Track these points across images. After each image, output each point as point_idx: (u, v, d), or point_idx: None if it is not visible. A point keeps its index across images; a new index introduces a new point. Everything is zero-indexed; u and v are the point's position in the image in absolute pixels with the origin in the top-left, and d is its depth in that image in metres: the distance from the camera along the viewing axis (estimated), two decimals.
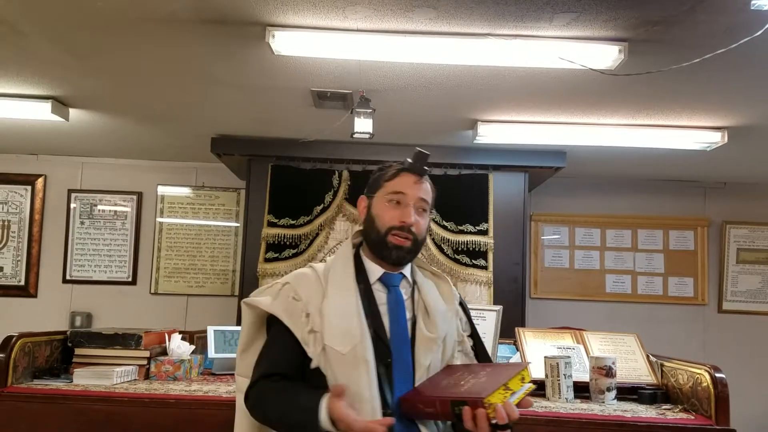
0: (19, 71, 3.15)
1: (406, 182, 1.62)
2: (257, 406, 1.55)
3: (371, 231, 1.63)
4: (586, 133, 3.71)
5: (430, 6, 2.30)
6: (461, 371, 1.54)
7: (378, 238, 1.61)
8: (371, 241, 1.64)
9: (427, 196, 1.63)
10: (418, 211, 1.61)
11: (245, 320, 1.69)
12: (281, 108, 3.58)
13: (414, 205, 1.61)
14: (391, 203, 1.62)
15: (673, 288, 5.05)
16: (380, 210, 1.63)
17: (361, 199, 1.71)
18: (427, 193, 1.64)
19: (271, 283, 1.69)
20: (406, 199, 1.61)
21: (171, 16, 2.45)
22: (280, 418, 1.50)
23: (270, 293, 1.65)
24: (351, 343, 1.50)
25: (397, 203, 1.61)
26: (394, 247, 1.59)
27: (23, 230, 5.02)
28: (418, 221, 1.61)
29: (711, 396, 2.23)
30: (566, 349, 2.75)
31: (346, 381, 1.48)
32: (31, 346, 2.48)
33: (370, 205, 1.66)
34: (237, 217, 5.02)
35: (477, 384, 1.43)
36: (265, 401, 1.53)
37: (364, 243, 1.68)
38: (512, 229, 4.26)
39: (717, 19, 2.32)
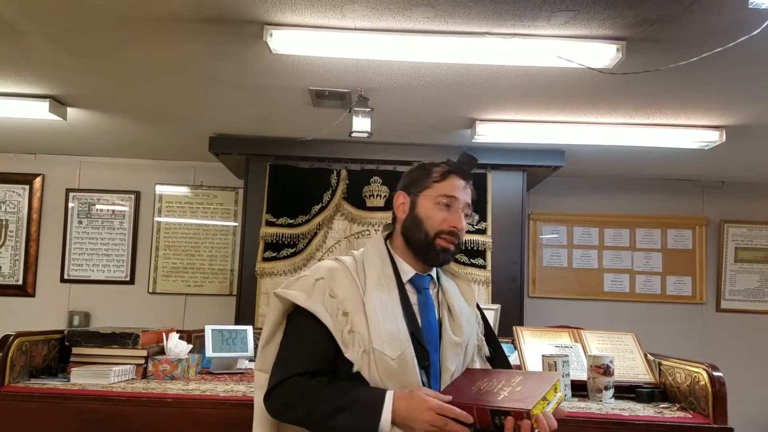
0: (16, 70, 3.14)
1: (456, 186, 1.60)
2: (292, 405, 1.46)
3: (417, 231, 1.58)
4: (585, 132, 3.71)
5: (427, 5, 2.30)
6: (486, 377, 1.50)
7: (426, 240, 1.57)
8: (416, 241, 1.59)
9: (470, 200, 1.63)
10: (464, 216, 1.61)
11: (273, 313, 1.59)
12: (279, 107, 3.58)
13: (462, 210, 1.60)
14: (439, 205, 1.58)
15: (671, 287, 5.05)
16: (429, 211, 1.58)
17: (399, 195, 1.64)
18: (471, 197, 1.64)
19: (300, 276, 1.61)
20: (457, 204, 1.59)
21: (169, 15, 2.45)
22: (325, 418, 1.41)
23: (302, 287, 1.55)
24: (400, 348, 1.46)
25: (446, 206, 1.58)
26: (442, 251, 1.57)
27: (21, 230, 5.01)
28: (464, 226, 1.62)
29: (709, 395, 2.23)
30: (564, 348, 2.74)
31: (393, 386, 1.45)
32: (28, 345, 2.48)
33: (415, 204, 1.61)
34: (235, 217, 5.02)
35: (515, 393, 1.40)
36: (306, 399, 1.44)
37: (401, 241, 1.63)
38: (510, 228, 4.26)
39: (715, 18, 2.32)
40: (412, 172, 1.67)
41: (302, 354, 1.50)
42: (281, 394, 1.46)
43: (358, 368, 1.46)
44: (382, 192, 4.24)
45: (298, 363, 1.48)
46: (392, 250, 1.63)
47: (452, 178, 1.60)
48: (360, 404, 1.40)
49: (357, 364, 1.46)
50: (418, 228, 1.58)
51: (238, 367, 2.96)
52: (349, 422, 1.39)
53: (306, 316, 1.51)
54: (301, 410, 1.44)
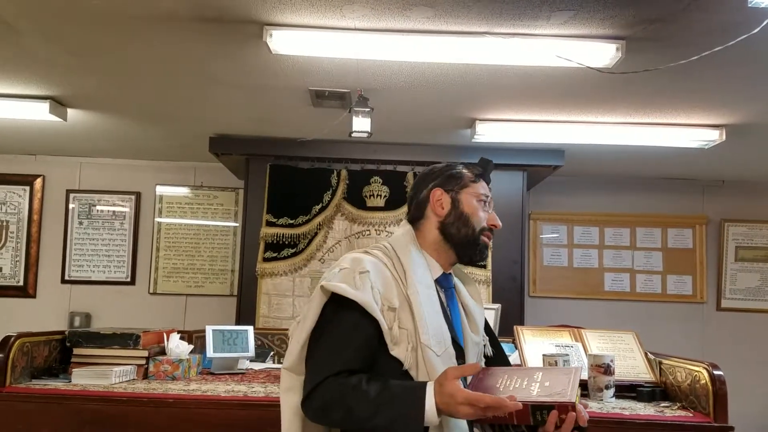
0: (16, 71, 3.14)
1: (485, 188, 1.68)
2: (332, 406, 1.37)
3: (463, 227, 1.59)
4: (584, 132, 3.71)
5: (427, 5, 2.30)
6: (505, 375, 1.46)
7: (472, 235, 1.59)
8: (461, 236, 1.58)
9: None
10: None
11: (316, 308, 1.47)
12: (279, 107, 3.58)
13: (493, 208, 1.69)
14: (480, 204, 1.63)
15: (671, 286, 5.06)
16: (473, 209, 1.61)
17: (436, 192, 1.61)
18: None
19: (340, 267, 1.50)
20: (491, 205, 1.68)
21: (168, 15, 2.45)
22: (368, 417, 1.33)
23: (344, 279, 1.46)
24: (445, 344, 1.47)
25: (484, 204, 1.65)
26: (484, 246, 1.62)
27: (22, 231, 5.01)
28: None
29: (709, 393, 2.23)
30: (565, 347, 2.74)
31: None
32: (29, 346, 2.48)
33: (458, 201, 1.61)
34: (235, 217, 5.02)
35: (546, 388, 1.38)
36: (347, 399, 1.36)
37: (434, 237, 1.60)
38: (511, 228, 4.26)
39: (714, 17, 2.32)
40: (443, 171, 1.66)
41: (346, 351, 1.41)
42: (323, 394, 1.38)
43: (408, 366, 1.42)
44: (382, 192, 4.24)
45: (339, 361, 1.40)
46: (421, 248, 1.60)
47: (481, 183, 1.68)
48: (401, 398, 1.34)
49: (406, 362, 1.42)
50: (465, 224, 1.59)
51: (239, 368, 2.96)
52: (393, 417, 1.32)
53: (351, 310, 1.42)
54: (341, 411, 1.36)
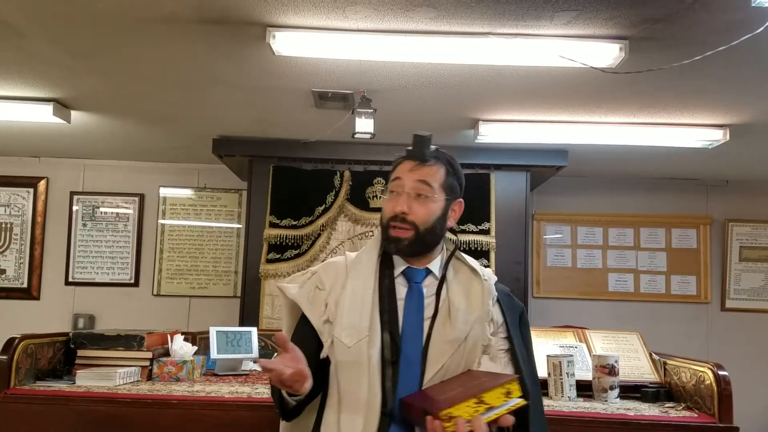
0: (20, 73, 3.15)
1: (403, 168, 1.56)
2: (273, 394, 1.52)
3: (380, 225, 1.60)
4: (588, 132, 3.71)
5: (430, 5, 2.30)
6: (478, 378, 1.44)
7: (384, 231, 1.56)
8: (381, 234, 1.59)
9: (430, 178, 1.54)
10: (415, 197, 1.53)
11: (283, 305, 1.67)
12: (282, 109, 3.58)
13: (410, 192, 1.53)
14: (392, 194, 1.56)
15: (675, 286, 5.04)
16: (383, 202, 1.59)
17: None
18: (430, 176, 1.54)
19: (306, 270, 1.67)
20: (401, 187, 1.54)
21: (172, 17, 2.46)
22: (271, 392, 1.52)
23: (299, 280, 1.62)
24: (357, 336, 1.46)
25: (396, 194, 1.55)
26: (392, 240, 1.53)
27: (26, 233, 5.02)
28: (414, 208, 1.52)
29: (714, 394, 2.22)
30: (569, 348, 2.74)
31: (346, 376, 1.46)
32: (33, 347, 2.48)
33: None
34: (239, 219, 5.03)
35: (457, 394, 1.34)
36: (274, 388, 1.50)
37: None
38: (514, 229, 4.26)
39: (718, 16, 2.31)
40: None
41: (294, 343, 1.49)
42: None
43: (325, 355, 1.50)
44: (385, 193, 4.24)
45: None
46: None
47: (402, 164, 1.58)
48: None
49: (325, 350, 1.50)
50: (380, 221, 1.61)
51: (242, 369, 2.96)
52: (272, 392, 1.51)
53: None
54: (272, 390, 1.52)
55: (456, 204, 1.61)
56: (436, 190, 1.54)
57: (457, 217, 1.62)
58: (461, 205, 1.62)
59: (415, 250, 1.54)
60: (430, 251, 1.58)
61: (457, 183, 1.60)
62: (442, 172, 1.56)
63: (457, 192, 1.61)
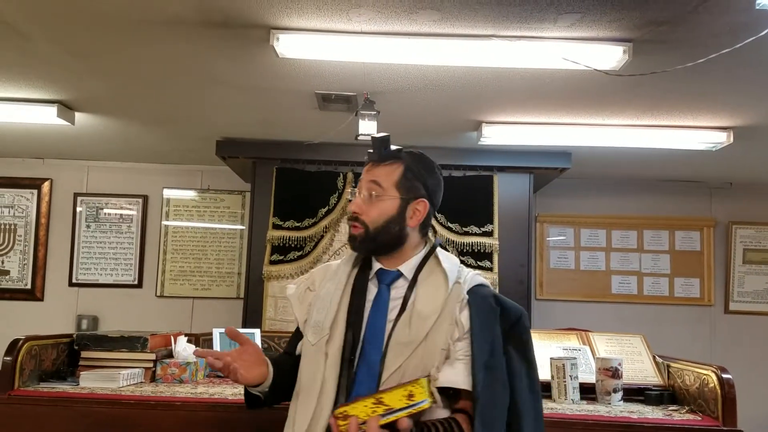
0: (25, 75, 3.16)
1: (364, 170, 1.61)
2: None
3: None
4: (591, 134, 3.70)
5: (434, 8, 2.30)
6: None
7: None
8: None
9: (382, 178, 1.55)
10: (368, 197, 1.55)
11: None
12: (286, 111, 3.59)
13: (364, 192, 1.56)
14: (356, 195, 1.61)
15: (679, 289, 5.04)
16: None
17: None
18: (382, 176, 1.56)
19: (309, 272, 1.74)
20: (360, 187, 1.58)
21: (176, 19, 2.46)
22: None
23: (299, 281, 1.71)
24: (320, 335, 1.52)
25: (358, 194, 1.59)
26: (349, 238, 1.59)
27: (29, 234, 5.04)
28: (366, 208, 1.55)
29: (718, 397, 2.22)
30: (572, 351, 2.74)
31: (306, 371, 1.53)
32: (37, 349, 2.49)
33: None
34: (242, 220, 5.03)
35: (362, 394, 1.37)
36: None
37: None
38: (517, 231, 4.26)
39: (722, 19, 2.31)
40: None
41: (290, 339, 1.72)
42: None
43: (297, 352, 1.62)
44: None
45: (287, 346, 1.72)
46: None
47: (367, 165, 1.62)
48: None
49: (298, 349, 1.62)
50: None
51: None
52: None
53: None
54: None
55: (418, 204, 1.57)
56: (387, 190, 1.55)
57: (421, 217, 1.58)
58: (425, 205, 1.58)
59: (368, 248, 1.57)
60: (392, 251, 1.57)
61: (419, 183, 1.58)
62: (398, 171, 1.56)
63: (419, 192, 1.58)
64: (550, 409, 2.33)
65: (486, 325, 1.48)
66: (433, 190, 1.61)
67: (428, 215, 1.60)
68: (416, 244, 1.60)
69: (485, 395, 1.40)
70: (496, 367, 1.45)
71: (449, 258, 1.59)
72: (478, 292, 1.53)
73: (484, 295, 1.53)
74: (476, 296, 1.52)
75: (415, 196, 1.57)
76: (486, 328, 1.48)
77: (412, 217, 1.56)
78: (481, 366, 1.42)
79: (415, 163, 1.59)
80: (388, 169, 1.56)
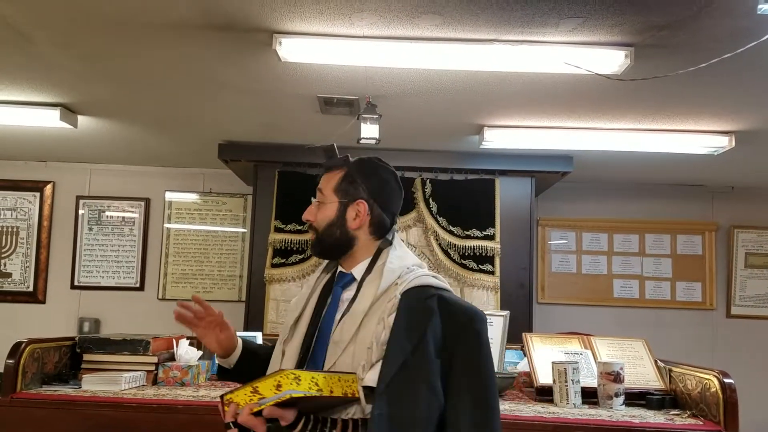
0: (28, 78, 3.17)
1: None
2: None
3: None
4: (593, 138, 3.71)
5: (435, 12, 2.31)
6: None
7: None
8: None
9: (323, 185, 1.62)
10: (317, 204, 1.61)
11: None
12: (288, 114, 3.59)
13: (315, 200, 1.63)
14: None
15: (681, 293, 5.03)
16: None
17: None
18: (324, 183, 1.62)
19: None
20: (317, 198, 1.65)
21: (179, 23, 2.47)
22: None
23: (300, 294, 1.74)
24: (283, 336, 1.59)
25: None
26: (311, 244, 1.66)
27: (32, 236, 5.04)
28: (312, 214, 1.61)
29: (720, 402, 2.22)
30: (574, 355, 2.74)
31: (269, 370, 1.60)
32: (40, 352, 2.50)
33: None
34: (244, 223, 5.04)
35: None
36: None
37: None
38: (519, 234, 4.26)
39: (723, 24, 2.32)
40: None
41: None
42: None
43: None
44: None
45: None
46: None
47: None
48: None
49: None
50: None
51: None
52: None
53: None
54: None
55: (357, 205, 1.57)
56: (327, 195, 1.60)
57: (363, 218, 1.56)
58: (365, 206, 1.57)
59: (319, 251, 1.62)
60: (343, 254, 1.59)
61: (359, 185, 1.58)
62: (338, 177, 1.60)
63: (358, 194, 1.58)
64: (552, 413, 2.33)
65: (412, 326, 1.42)
66: (376, 191, 1.59)
67: (376, 216, 1.58)
68: (369, 246, 1.59)
69: (394, 392, 1.35)
70: (417, 367, 1.39)
71: (401, 258, 1.57)
72: (414, 294, 1.47)
73: (421, 297, 1.47)
74: (410, 298, 1.47)
75: (353, 199, 1.58)
76: (412, 328, 1.42)
77: (354, 219, 1.57)
78: (395, 363, 1.38)
79: (355, 167, 1.62)
80: (330, 176, 1.62)
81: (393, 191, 1.62)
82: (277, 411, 1.32)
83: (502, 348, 2.77)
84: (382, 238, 1.60)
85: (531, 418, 2.26)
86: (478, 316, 1.48)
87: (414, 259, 1.60)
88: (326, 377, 1.33)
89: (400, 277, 1.52)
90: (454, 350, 1.42)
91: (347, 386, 1.36)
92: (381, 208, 1.58)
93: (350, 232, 1.57)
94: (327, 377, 1.33)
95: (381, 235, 1.59)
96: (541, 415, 2.29)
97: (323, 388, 1.31)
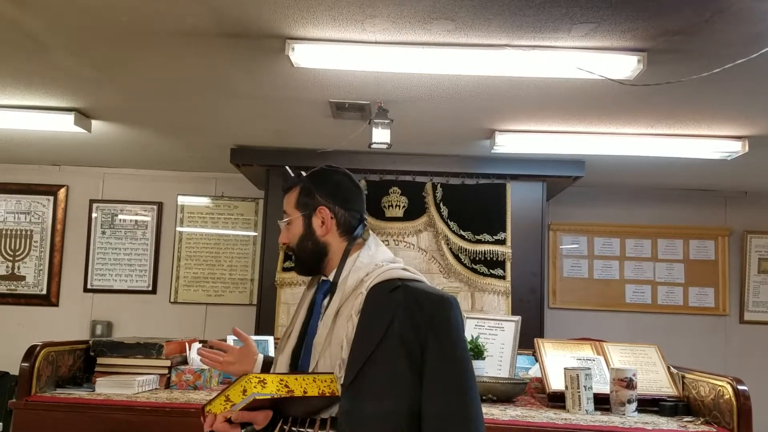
0: (43, 84, 3.20)
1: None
2: None
3: None
4: (605, 143, 3.70)
5: (448, 18, 2.31)
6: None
7: None
8: None
9: (285, 205, 1.64)
10: (284, 226, 1.64)
11: None
12: (300, 119, 3.61)
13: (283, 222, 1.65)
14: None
15: (693, 298, 5.00)
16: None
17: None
18: (285, 203, 1.64)
19: None
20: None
21: (192, 29, 2.49)
22: None
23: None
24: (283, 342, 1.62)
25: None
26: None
27: (45, 240, 5.09)
28: (285, 236, 1.64)
29: (733, 408, 2.21)
30: (586, 361, 2.73)
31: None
32: (54, 355, 2.52)
33: None
34: (255, 227, 5.06)
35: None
36: None
37: None
38: (530, 239, 4.25)
39: (736, 29, 2.31)
40: None
41: None
42: None
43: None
44: (401, 202, 4.25)
45: None
46: None
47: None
48: None
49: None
50: None
51: None
52: None
53: None
54: None
55: (319, 212, 1.58)
56: (291, 213, 1.62)
57: (329, 224, 1.57)
58: (326, 210, 1.58)
59: (301, 269, 1.64)
60: (320, 263, 1.60)
61: (315, 194, 1.60)
62: (295, 193, 1.62)
63: (318, 202, 1.59)
64: (564, 419, 2.33)
65: (377, 320, 1.43)
66: (333, 194, 1.60)
67: (341, 218, 1.59)
68: (340, 250, 1.59)
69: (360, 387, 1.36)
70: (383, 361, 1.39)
71: (372, 256, 1.56)
72: (379, 288, 1.47)
73: (386, 290, 1.47)
74: (376, 290, 1.47)
75: (314, 207, 1.60)
76: (377, 322, 1.42)
77: (321, 227, 1.59)
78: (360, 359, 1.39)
79: (308, 179, 1.63)
80: (289, 196, 1.64)
81: (349, 190, 1.64)
82: (245, 415, 1.35)
83: (513, 353, 2.77)
84: (355, 238, 1.59)
85: (543, 424, 2.26)
86: (447, 303, 1.46)
87: (387, 255, 1.59)
88: (298, 378, 1.33)
89: (368, 274, 1.52)
90: (425, 340, 1.41)
91: (325, 386, 1.36)
92: (343, 208, 1.60)
93: (321, 240, 1.59)
94: (300, 378, 1.34)
95: (353, 238, 1.59)
96: (553, 422, 2.28)
97: (294, 389, 1.31)
